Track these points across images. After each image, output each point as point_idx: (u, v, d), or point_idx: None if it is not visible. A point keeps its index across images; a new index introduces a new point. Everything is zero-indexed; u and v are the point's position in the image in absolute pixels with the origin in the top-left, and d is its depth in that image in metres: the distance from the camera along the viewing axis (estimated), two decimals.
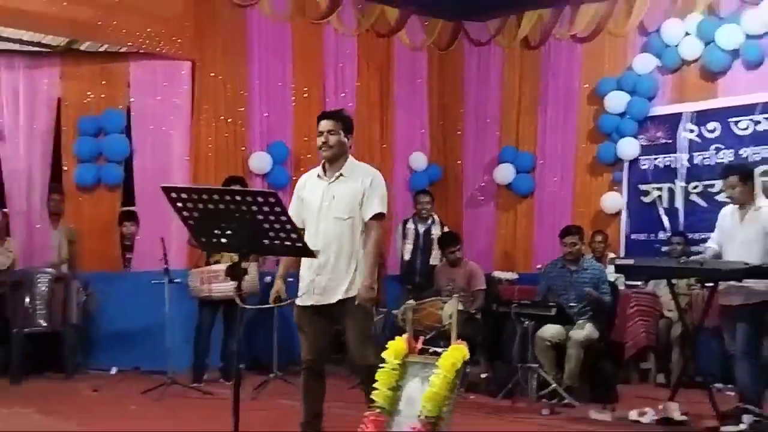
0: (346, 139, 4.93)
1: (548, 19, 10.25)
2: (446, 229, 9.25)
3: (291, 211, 4.87)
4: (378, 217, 4.84)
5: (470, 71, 10.97)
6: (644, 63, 9.52)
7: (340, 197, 4.84)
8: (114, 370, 8.48)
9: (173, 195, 3.90)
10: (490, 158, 10.74)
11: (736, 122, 8.82)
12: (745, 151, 8.71)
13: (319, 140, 4.92)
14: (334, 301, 4.78)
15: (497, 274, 8.86)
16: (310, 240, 4.74)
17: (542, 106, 10.38)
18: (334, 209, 4.83)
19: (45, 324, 8.19)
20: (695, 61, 9.24)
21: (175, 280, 7.58)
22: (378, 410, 3.33)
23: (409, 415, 3.28)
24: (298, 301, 4.89)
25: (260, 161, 9.29)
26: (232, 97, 9.30)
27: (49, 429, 5.97)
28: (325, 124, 4.91)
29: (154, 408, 6.78)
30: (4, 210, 8.82)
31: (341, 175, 4.90)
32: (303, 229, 4.87)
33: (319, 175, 4.99)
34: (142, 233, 8.98)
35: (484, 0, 10.13)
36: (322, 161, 4.99)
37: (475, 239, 10.62)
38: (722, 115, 8.95)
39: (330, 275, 4.78)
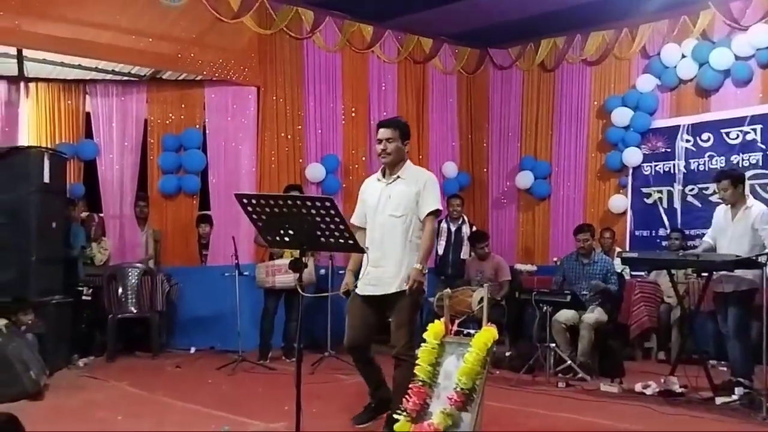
0: (403, 146, 4.74)
1: (562, 46, 10.19)
2: (474, 228, 9.23)
3: (356, 212, 4.88)
4: (433, 213, 4.65)
5: (495, 92, 10.92)
6: (646, 82, 9.41)
7: (396, 196, 4.68)
8: (193, 350, 8.54)
9: (244, 201, 3.94)
10: (512, 166, 10.70)
11: (728, 133, 8.69)
12: (735, 158, 8.57)
13: (379, 148, 4.73)
14: (386, 293, 4.60)
15: (519, 266, 8.82)
16: (369, 235, 4.70)
17: (557, 121, 10.31)
18: (390, 207, 4.68)
19: (135, 310, 8.30)
20: (691, 80, 9.11)
21: (244, 273, 7.64)
22: (420, 383, 3.36)
23: (446, 387, 3.30)
24: (357, 290, 4.73)
25: (315, 171, 9.32)
26: (291, 117, 9.34)
27: (140, 398, 6.06)
28: (383, 133, 4.72)
29: (227, 381, 6.85)
30: (100, 214, 8.95)
31: (398, 177, 4.73)
32: (364, 228, 4.78)
33: (378, 179, 4.86)
34: (216, 233, 9.04)
35: (507, 29, 10.07)
36: (382, 166, 4.82)
37: (500, 236, 10.61)
38: (715, 126, 8.81)
39: (384, 268, 4.62)
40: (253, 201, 3.95)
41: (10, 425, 2.99)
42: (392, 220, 4.65)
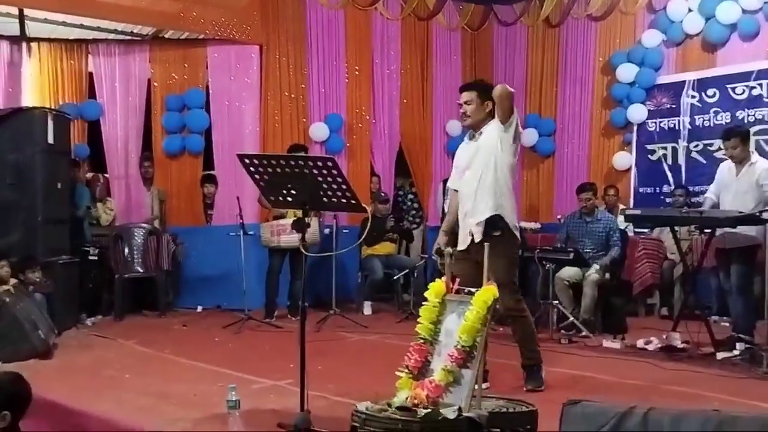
0: (483, 106, 4.82)
1: (567, 1, 10.03)
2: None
3: (451, 176, 5.11)
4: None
5: (499, 48, 10.80)
6: (652, 38, 9.30)
7: (483, 149, 4.79)
8: (199, 308, 8.60)
9: (246, 161, 3.96)
10: None
11: (733, 88, 8.60)
12: (741, 114, 8.49)
13: (461, 111, 4.89)
14: (487, 237, 4.66)
15: (523, 224, 8.78)
16: (462, 191, 4.86)
17: (561, 78, 10.20)
18: (479, 160, 4.79)
19: (141, 270, 8.35)
20: (697, 34, 9.00)
21: (249, 233, 7.68)
22: (421, 341, 3.39)
23: (447, 345, 3.32)
24: (459, 246, 4.78)
25: (319, 131, 9.29)
26: (295, 76, 9.28)
27: (147, 356, 6.14)
28: (462, 97, 4.89)
29: (233, 339, 6.92)
30: (105, 175, 8.96)
31: (482, 133, 4.85)
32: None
33: (466, 141, 4.99)
34: (221, 193, 9.06)
35: None
36: (468, 130, 4.97)
37: None
38: (721, 82, 8.71)
39: (480, 217, 4.73)
40: (256, 161, 3.96)
41: (17, 384, 3.03)
42: (481, 170, 4.77)
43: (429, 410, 3.01)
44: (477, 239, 4.70)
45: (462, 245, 4.80)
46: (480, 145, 4.83)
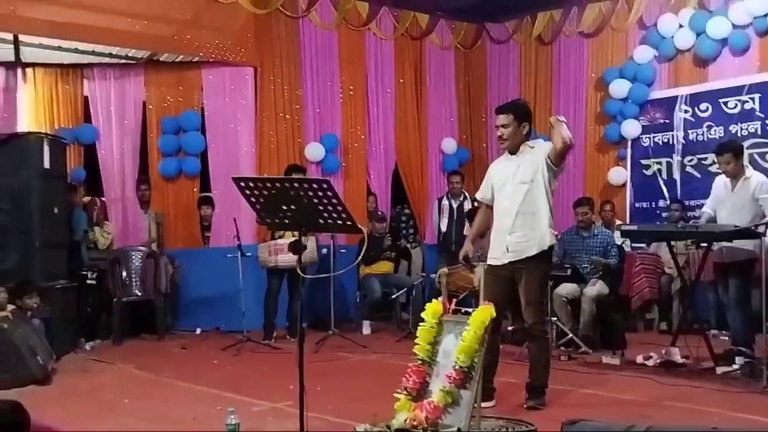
0: (520, 128, 4.86)
1: (558, 19, 10.09)
2: (475, 204, 9.23)
3: (482, 188, 5.13)
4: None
5: (492, 66, 10.83)
6: (643, 53, 9.35)
7: (524, 165, 4.83)
8: (198, 331, 8.57)
9: (242, 184, 3.95)
10: None
11: (726, 102, 8.65)
12: (734, 128, 8.53)
13: (498, 134, 4.92)
14: (522, 257, 4.72)
15: None
16: (499, 205, 4.89)
17: (555, 95, 10.23)
18: (520, 176, 4.82)
19: (140, 293, 8.30)
20: (688, 50, 9.05)
21: (247, 254, 7.66)
22: (419, 362, 3.38)
23: (445, 365, 3.32)
24: (491, 261, 4.83)
25: (314, 151, 9.29)
26: (289, 97, 9.30)
27: (146, 380, 6.11)
28: (498, 120, 4.92)
29: (232, 361, 6.89)
30: (102, 198, 8.94)
31: (524, 151, 4.88)
32: (489, 205, 5.00)
33: (507, 158, 4.99)
34: (218, 215, 9.04)
35: (503, 3, 10.00)
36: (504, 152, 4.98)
37: None
38: (713, 96, 8.76)
39: (519, 233, 4.76)
40: (251, 184, 3.95)
41: (15, 413, 3.02)
42: (522, 186, 4.80)
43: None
44: (515, 258, 4.75)
45: (496, 260, 4.83)
46: (521, 162, 4.87)
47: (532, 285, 4.67)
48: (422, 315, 3.49)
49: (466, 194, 9.23)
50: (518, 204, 4.80)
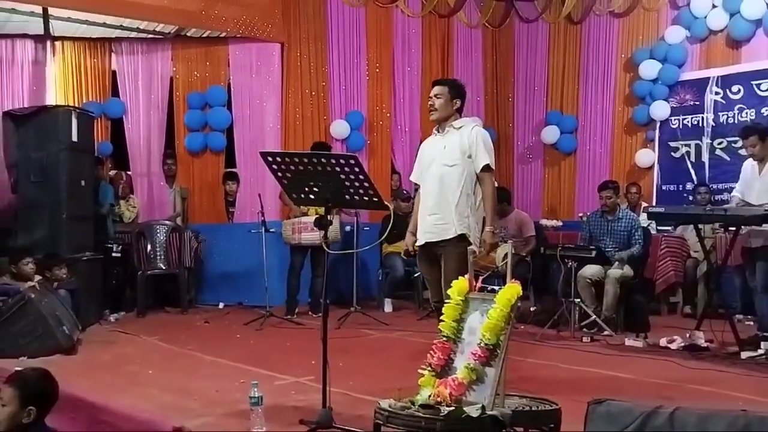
0: (453, 102, 4.85)
1: None
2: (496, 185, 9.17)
3: (414, 170, 5.13)
4: (488, 168, 4.76)
5: (520, 45, 10.75)
6: (675, 34, 9.22)
7: (449, 146, 4.80)
8: (221, 305, 8.64)
9: (269, 159, 3.96)
10: (537, 121, 10.57)
11: (758, 84, 8.50)
12: (766, 111, 8.39)
13: (429, 103, 4.92)
14: (442, 238, 4.74)
15: (544, 222, 8.78)
16: (424, 187, 4.90)
17: (583, 75, 10.14)
18: (444, 158, 4.81)
19: (164, 267, 8.39)
20: (721, 30, 8.91)
21: (271, 230, 7.70)
22: (445, 339, 3.37)
23: (470, 343, 3.30)
24: (418, 243, 4.90)
25: (340, 128, 9.30)
26: (316, 74, 9.30)
27: (170, 353, 6.16)
28: (433, 90, 4.92)
29: (255, 336, 6.93)
30: (128, 172, 9.02)
31: (451, 129, 4.85)
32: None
33: (434, 134, 4.99)
34: (242, 191, 9.10)
35: None
36: (435, 125, 4.97)
37: (525, 192, 10.56)
38: (745, 78, 8.61)
39: (439, 215, 4.76)
40: (278, 159, 3.96)
41: (44, 381, 3.06)
42: (446, 169, 4.79)
43: (452, 408, 3.00)
44: (431, 239, 4.78)
45: (420, 241, 4.89)
46: (447, 143, 4.84)
47: (449, 266, 4.65)
48: (448, 292, 3.48)
49: None
50: (438, 186, 4.79)
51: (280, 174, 3.97)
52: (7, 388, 2.95)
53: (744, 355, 5.77)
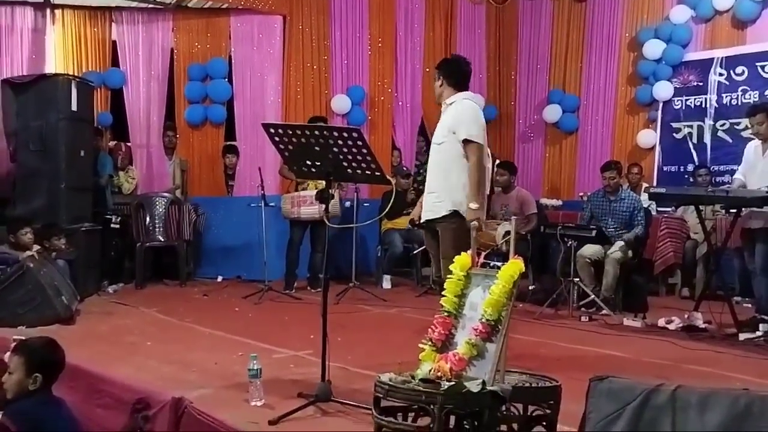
0: (441, 81, 4.86)
1: None
2: (497, 161, 9.14)
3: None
4: (469, 142, 4.67)
5: (523, 23, 10.68)
6: (680, 13, 9.14)
7: (442, 124, 4.85)
8: (220, 278, 8.63)
9: (272, 131, 3.93)
10: (539, 99, 10.53)
11: (763, 66, 8.45)
12: None
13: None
14: (435, 216, 4.78)
15: (544, 200, 8.78)
16: (430, 159, 4.99)
17: (587, 54, 10.07)
18: (436, 135, 4.90)
19: (163, 239, 8.37)
20: (727, 11, 8.84)
21: (270, 204, 7.67)
22: (446, 314, 3.36)
23: (472, 318, 3.29)
24: (421, 220, 5.03)
25: (341, 103, 9.25)
26: (317, 47, 9.24)
27: (168, 324, 6.16)
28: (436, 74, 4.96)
29: (253, 309, 6.93)
30: (128, 143, 8.97)
31: (444, 109, 4.88)
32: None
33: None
34: (242, 164, 9.06)
35: None
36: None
37: (526, 170, 10.52)
38: (750, 59, 8.56)
39: (434, 193, 4.82)
40: (280, 131, 3.93)
41: (50, 349, 3.06)
42: (436, 147, 4.88)
43: (452, 383, 2.99)
44: (430, 216, 4.84)
45: (422, 219, 4.99)
46: (442, 120, 4.87)
47: (445, 243, 4.72)
48: (450, 267, 3.47)
49: (489, 152, 9.12)
50: (433, 164, 4.88)
51: (282, 146, 3.94)
52: (13, 356, 2.96)
53: (742, 336, 5.78)
